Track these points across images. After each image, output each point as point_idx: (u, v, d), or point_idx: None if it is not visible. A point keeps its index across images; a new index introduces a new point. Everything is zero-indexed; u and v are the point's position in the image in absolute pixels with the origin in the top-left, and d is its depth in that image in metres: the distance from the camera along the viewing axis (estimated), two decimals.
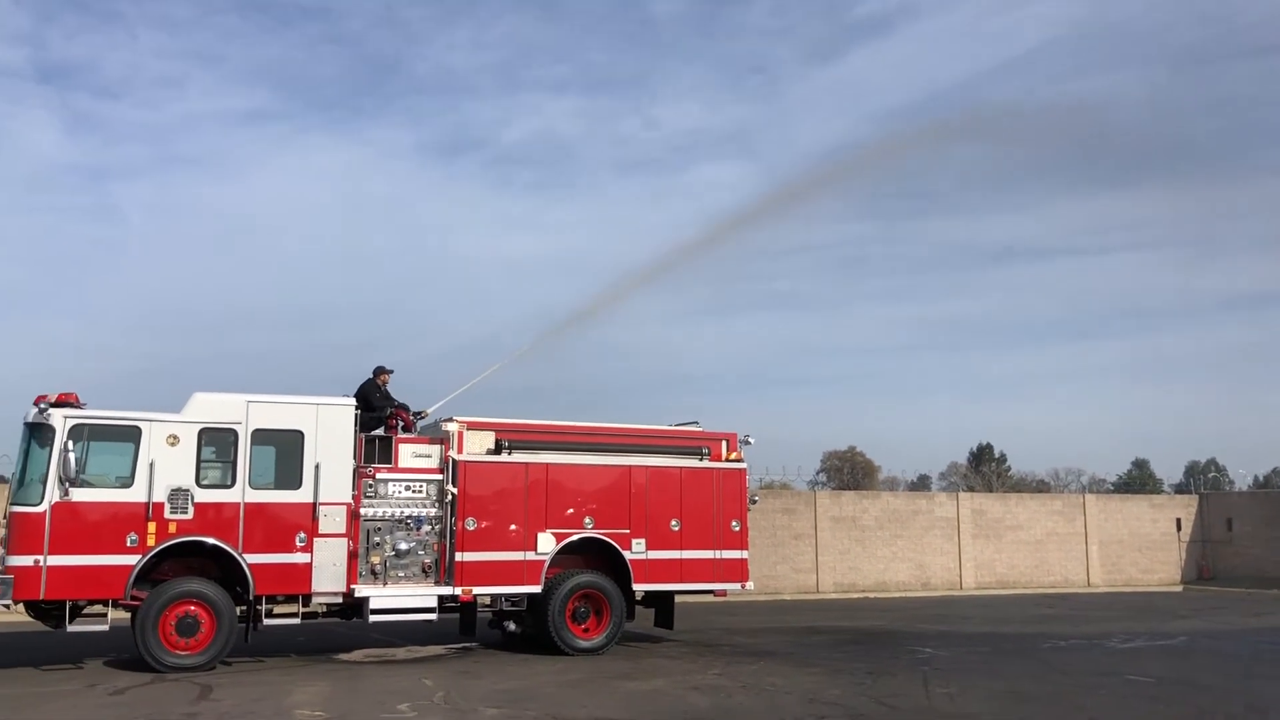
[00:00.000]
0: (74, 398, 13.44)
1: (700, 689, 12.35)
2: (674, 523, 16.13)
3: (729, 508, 16.55)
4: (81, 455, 13.17)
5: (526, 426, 15.87)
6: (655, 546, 15.94)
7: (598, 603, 15.56)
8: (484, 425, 15.53)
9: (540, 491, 15.38)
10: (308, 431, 14.28)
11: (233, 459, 13.88)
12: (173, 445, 13.60)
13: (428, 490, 15.04)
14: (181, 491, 13.49)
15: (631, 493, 15.94)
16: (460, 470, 15.04)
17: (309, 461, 14.19)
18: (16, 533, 12.91)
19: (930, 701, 11.62)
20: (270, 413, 14.18)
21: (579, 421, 16.40)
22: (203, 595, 13.47)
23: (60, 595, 12.92)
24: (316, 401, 14.47)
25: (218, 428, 13.90)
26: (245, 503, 13.80)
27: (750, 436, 17.07)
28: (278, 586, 13.93)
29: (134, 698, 11.52)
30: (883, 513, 30.86)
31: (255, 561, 13.74)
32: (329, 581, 14.14)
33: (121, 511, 13.23)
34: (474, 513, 15.00)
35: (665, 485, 16.18)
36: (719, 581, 16.42)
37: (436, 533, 14.98)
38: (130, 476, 13.39)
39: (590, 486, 15.75)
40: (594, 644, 15.36)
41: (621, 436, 16.40)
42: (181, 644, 13.31)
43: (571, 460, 15.75)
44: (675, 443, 16.74)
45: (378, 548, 14.65)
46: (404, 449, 15.08)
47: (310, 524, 14.06)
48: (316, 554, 14.05)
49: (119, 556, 13.11)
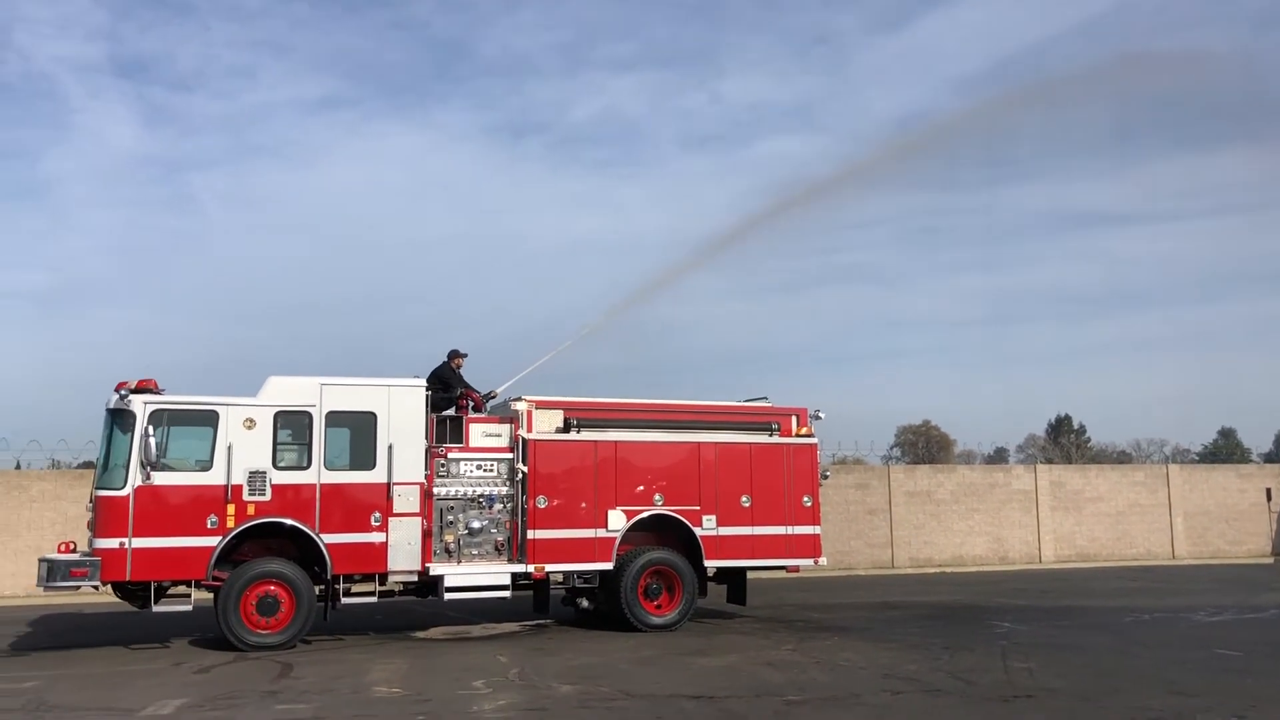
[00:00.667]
0: (153, 384, 13.77)
1: (774, 664, 12.29)
2: (744, 499, 16.05)
3: (800, 483, 16.42)
4: (162, 440, 13.49)
5: (594, 405, 15.89)
6: (726, 523, 15.89)
7: (669, 579, 15.56)
8: (552, 404, 15.59)
9: (609, 469, 15.40)
10: (380, 413, 14.46)
11: (308, 441, 14.12)
12: (250, 429, 13.87)
13: (498, 469, 15.15)
14: (259, 474, 13.76)
15: (701, 469, 15.89)
16: (530, 449, 15.12)
17: (382, 442, 14.38)
18: (102, 516, 13.30)
19: (1008, 676, 11.42)
20: (343, 395, 14.39)
21: (647, 399, 16.38)
22: (282, 575, 13.75)
23: (145, 576, 13.29)
24: (388, 383, 14.64)
25: (293, 411, 14.14)
26: (321, 484, 14.03)
27: (821, 411, 16.91)
28: (354, 566, 14.17)
29: (218, 675, 11.81)
30: (958, 486, 30.41)
31: (332, 541, 13.98)
32: (404, 560, 14.34)
33: (201, 494, 13.55)
34: (544, 490, 15.08)
35: (734, 461, 16.10)
36: (791, 557, 16.32)
37: (508, 511, 15.09)
38: (209, 460, 13.69)
39: (659, 464, 15.73)
40: (666, 620, 15.38)
41: (690, 413, 16.35)
42: (262, 623, 13.61)
43: (640, 438, 15.74)
44: (744, 419, 16.64)
45: (451, 526, 14.81)
46: (474, 429, 15.21)
47: (385, 504, 14.26)
48: (391, 533, 14.25)
49: (200, 538, 13.44)
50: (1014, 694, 10.46)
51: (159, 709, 9.81)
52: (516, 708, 9.88)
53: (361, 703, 10.12)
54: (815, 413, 16.92)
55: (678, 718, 9.44)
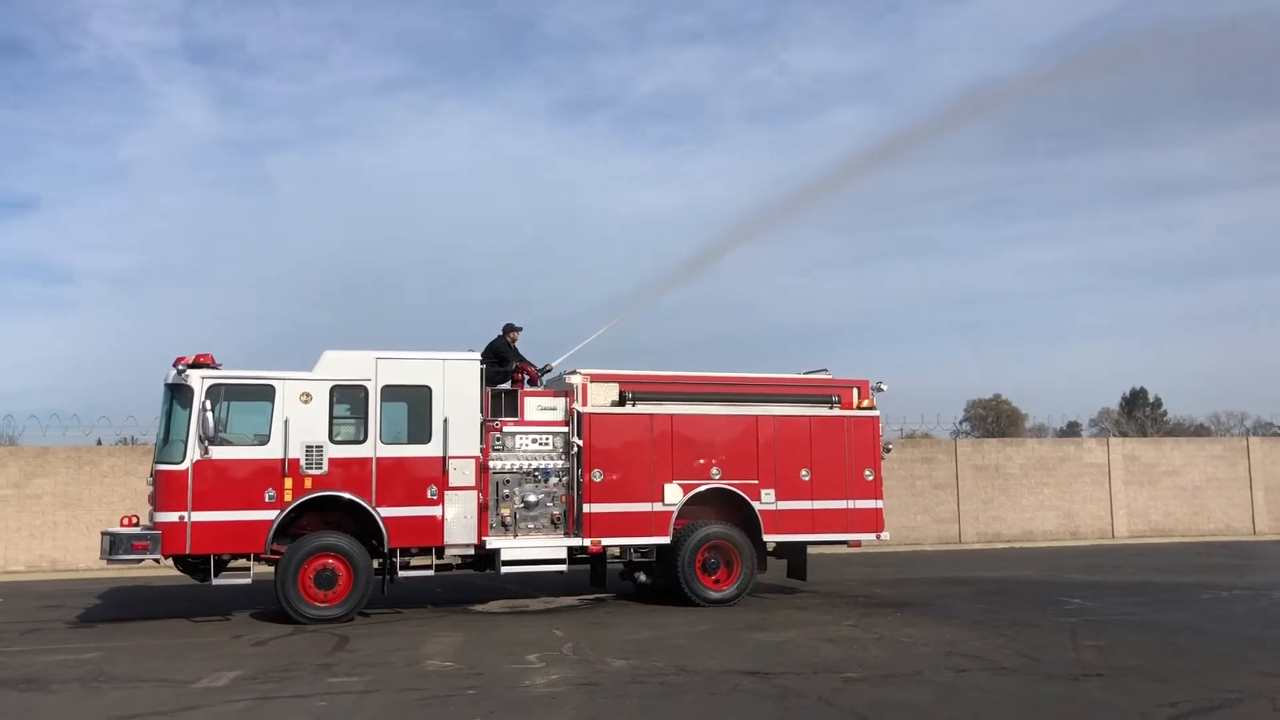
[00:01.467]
0: (210, 359, 13.84)
1: (833, 641, 12.03)
2: (804, 472, 15.75)
3: (861, 456, 16.06)
4: (219, 414, 13.58)
5: (650, 378, 15.68)
6: (785, 497, 15.61)
7: (728, 554, 15.34)
8: (607, 377, 15.40)
9: (666, 442, 15.20)
10: (435, 386, 14.40)
11: (364, 415, 14.12)
12: (306, 403, 13.89)
13: (554, 443, 15.03)
14: (316, 448, 13.80)
15: (759, 443, 15.61)
16: (585, 422, 14.97)
17: (437, 416, 14.33)
18: (162, 490, 13.43)
19: (1078, 654, 11.03)
20: (399, 369, 14.35)
21: (704, 372, 16.13)
22: (339, 548, 13.79)
23: (205, 550, 13.41)
24: (443, 357, 14.57)
25: (348, 384, 14.15)
26: (377, 457, 14.03)
27: (883, 383, 16.52)
28: (411, 539, 14.17)
29: (275, 648, 11.86)
30: (1028, 460, 29.73)
31: (389, 515, 13.98)
32: (460, 534, 14.30)
33: (259, 468, 13.62)
34: (600, 464, 14.92)
35: (794, 434, 15.79)
36: (852, 532, 15.99)
37: (564, 485, 14.98)
38: (266, 434, 13.76)
39: (717, 437, 15.49)
40: (724, 595, 15.18)
41: (748, 386, 16.07)
42: (320, 596, 13.67)
43: (697, 411, 15.51)
44: (803, 391, 16.32)
45: (507, 500, 14.74)
46: (529, 402, 15.09)
47: (441, 477, 14.22)
48: (447, 507, 14.22)
49: (258, 512, 13.52)
50: (1083, 673, 10.08)
51: (213, 681, 9.85)
52: (568, 682, 9.76)
53: (413, 677, 10.07)
54: (877, 384, 16.54)
55: (732, 695, 9.24)
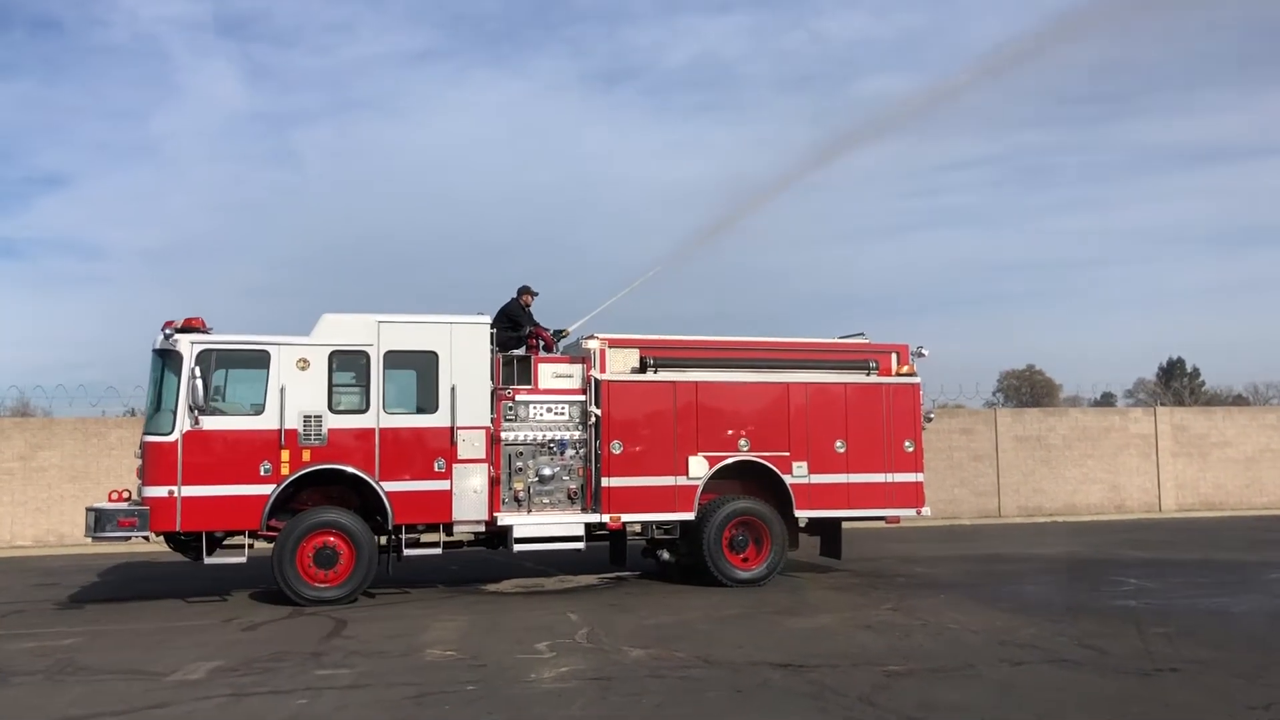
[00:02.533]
0: (200, 322, 12.94)
1: (872, 628, 11.00)
2: (839, 444, 14.68)
3: (901, 426, 14.97)
4: (210, 381, 12.68)
5: (673, 343, 14.63)
6: (819, 470, 14.55)
7: (757, 531, 14.33)
8: (627, 342, 14.37)
9: (690, 412, 14.17)
10: (442, 352, 13.43)
11: (366, 382, 13.18)
12: (303, 369, 12.97)
13: (570, 412, 14.04)
14: (314, 417, 12.88)
15: (791, 412, 14.55)
16: (603, 390, 13.96)
17: (445, 383, 13.37)
18: (150, 463, 12.57)
19: (1145, 644, 9.95)
20: (402, 333, 13.39)
21: (731, 336, 15.06)
22: (340, 525, 12.90)
23: (196, 526, 12.54)
24: (450, 320, 13.59)
25: (349, 350, 13.20)
26: (380, 428, 13.10)
27: (923, 348, 15.38)
28: (417, 515, 13.25)
29: (266, 634, 10.99)
30: (1071, 431, 28.46)
31: (393, 489, 13.07)
32: (470, 509, 13.36)
33: (254, 439, 12.72)
34: (619, 435, 13.93)
35: (828, 403, 14.72)
36: (891, 507, 14.91)
37: (581, 457, 14.00)
38: (261, 403, 12.85)
39: (745, 406, 14.44)
40: (753, 575, 14.17)
41: (778, 351, 14.99)
42: (320, 576, 12.79)
43: (723, 378, 14.45)
44: (839, 356, 15.21)
45: (520, 473, 13.78)
46: (544, 369, 14.09)
47: (449, 449, 13.28)
48: (456, 480, 13.28)
49: (253, 486, 12.63)
50: (1154, 667, 9.01)
51: (189, 673, 8.97)
52: (579, 676, 8.80)
53: (409, 669, 9.15)
54: (917, 349, 15.42)
55: (761, 692, 8.24)
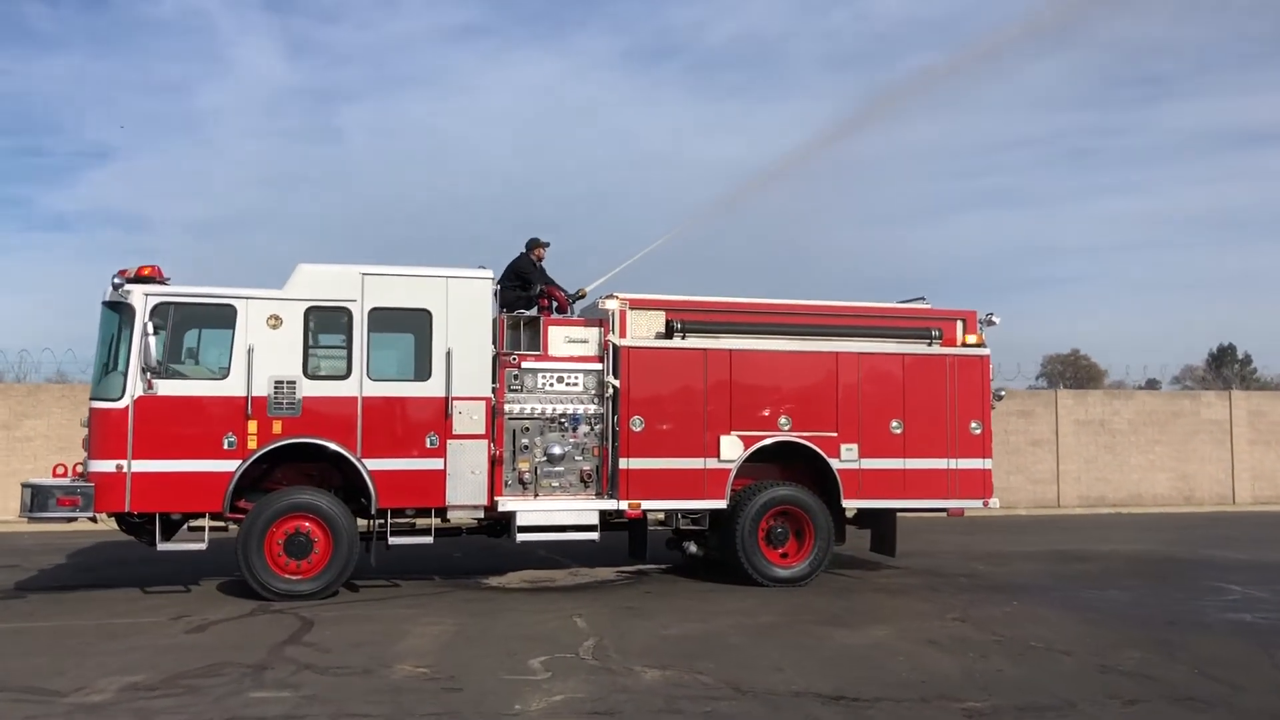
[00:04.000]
0: (156, 271, 11.21)
1: (938, 644, 9.10)
2: (895, 423, 12.74)
3: (967, 405, 12.99)
4: (167, 340, 10.96)
5: (705, 304, 12.74)
6: (871, 453, 12.63)
7: (798, 522, 12.46)
8: (651, 304, 12.50)
9: (723, 385, 12.29)
10: (436, 310, 11.63)
11: (347, 344, 11.42)
12: (275, 328, 11.22)
13: (584, 383, 12.20)
14: (287, 384, 11.14)
15: (840, 386, 12.63)
16: (623, 358, 12.11)
17: (439, 347, 11.58)
18: (97, 433, 10.88)
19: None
20: (391, 288, 11.60)
21: (772, 299, 13.13)
22: (316, 508, 11.16)
23: (148, 507, 10.85)
24: (446, 274, 11.78)
25: (328, 306, 11.44)
26: (363, 397, 11.34)
27: (994, 315, 13.38)
28: (405, 498, 11.48)
29: (213, 637, 9.26)
30: (1137, 415, 26.27)
31: (377, 468, 11.31)
32: (467, 492, 11.58)
33: (216, 408, 10.99)
34: (640, 410, 12.08)
35: (883, 377, 12.77)
36: (954, 497, 12.95)
37: (596, 434, 12.17)
38: (225, 366, 11.12)
39: (787, 379, 12.53)
40: (793, 573, 12.31)
41: (827, 316, 13.04)
42: (291, 567, 11.08)
43: (762, 346, 12.54)
44: (896, 323, 13.23)
45: (526, 452, 11.98)
46: (554, 333, 12.24)
47: (442, 423, 11.49)
48: (451, 459, 11.50)
49: (215, 461, 10.91)
50: None
51: (91, 693, 7.23)
52: (575, 709, 6.97)
53: (366, 691, 7.37)
54: (986, 317, 13.40)
55: None
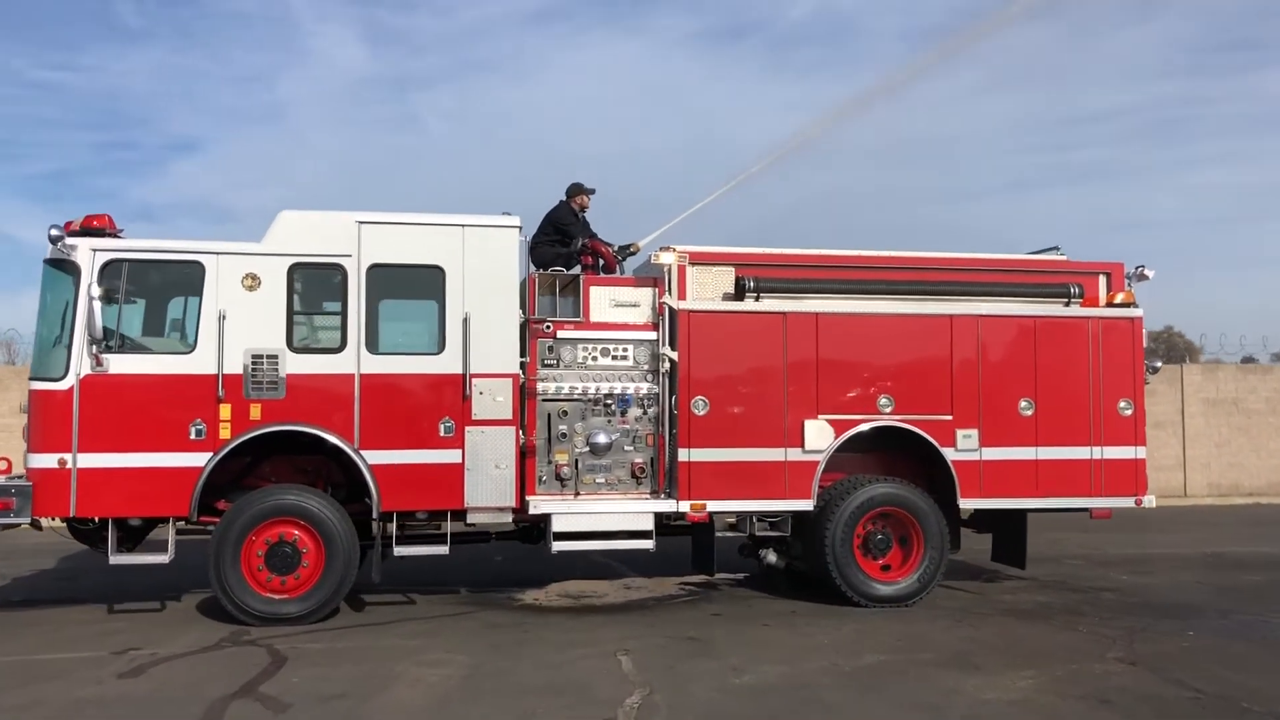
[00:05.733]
0: (107, 221, 9.16)
1: (1112, 703, 6.64)
2: (1024, 403, 10.23)
3: (1114, 379, 10.41)
4: (120, 305, 8.93)
5: (784, 258, 10.33)
6: (995, 440, 10.14)
7: (903, 527, 10.05)
8: (717, 257, 10.14)
9: (808, 357, 9.91)
10: (451, 267, 9.43)
11: (341, 310, 9.28)
12: (252, 290, 9.12)
13: (635, 356, 9.92)
14: (267, 358, 9.05)
15: (955, 357, 10.16)
16: (682, 325, 9.79)
17: (454, 312, 9.38)
18: (36, 420, 8.90)
19: None
20: (394, 240, 9.43)
21: (867, 250, 10.67)
22: (304, 511, 9.06)
23: (98, 511, 8.86)
24: (462, 222, 9.55)
25: (317, 262, 9.31)
26: (361, 374, 9.20)
27: (1146, 268, 10.75)
28: (413, 499, 9.33)
29: (148, 684, 7.17)
30: (1275, 393, 23.22)
31: (380, 461, 9.18)
32: (490, 491, 9.39)
33: (181, 388, 8.94)
34: (705, 389, 9.75)
35: (1010, 345, 10.26)
36: (1098, 494, 10.37)
37: (650, 419, 9.88)
38: (191, 337, 9.06)
39: (888, 349, 10.10)
40: (898, 590, 9.91)
41: (938, 271, 10.55)
42: (275, 584, 9.00)
43: (858, 309, 10.12)
44: (1025, 279, 10.66)
45: (564, 441, 9.72)
46: (597, 295, 9.94)
47: (459, 406, 9.31)
48: (470, 450, 9.32)
49: (179, 455, 8.88)
50: None
51: None
52: None
53: None
54: (1137, 270, 10.77)
55: None
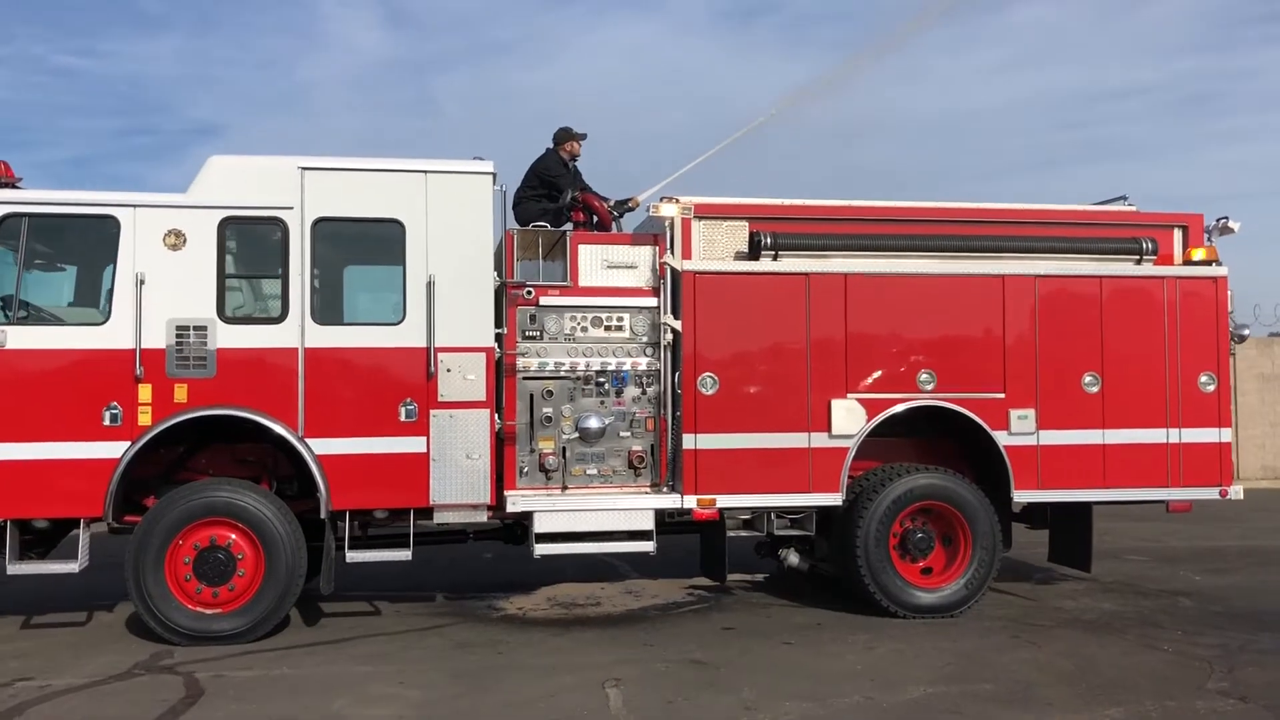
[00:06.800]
0: (5, 170, 7.79)
1: None
2: (1089, 378, 8.73)
3: (1194, 349, 8.88)
4: (20, 267, 7.56)
5: (806, 210, 8.84)
6: (1055, 422, 8.65)
7: (947, 524, 8.60)
8: (728, 209, 8.67)
9: (835, 325, 8.45)
10: (412, 221, 8.01)
11: (282, 272, 7.87)
12: (176, 249, 7.73)
13: (632, 325, 8.48)
14: (194, 330, 7.67)
15: (1008, 325, 8.67)
16: (687, 289, 8.33)
17: (416, 275, 7.97)
18: None
19: None
20: (344, 189, 8.00)
21: (904, 201, 9.16)
22: (239, 510, 7.68)
23: None
24: (424, 167, 8.11)
25: (254, 216, 7.90)
26: (306, 348, 7.80)
27: (1230, 219, 9.20)
28: (369, 495, 7.93)
29: None
30: None
31: (329, 451, 7.79)
32: (460, 485, 7.98)
33: (92, 366, 7.58)
34: (714, 365, 8.31)
35: (1072, 310, 8.75)
36: (1177, 485, 8.82)
37: (650, 400, 8.45)
38: (105, 305, 7.69)
39: (929, 316, 8.62)
40: (941, 598, 8.47)
41: (988, 224, 9.02)
42: (206, 595, 7.64)
43: (894, 268, 8.64)
44: (1090, 232, 9.13)
45: (548, 426, 8.31)
46: (587, 254, 8.48)
47: (423, 385, 7.90)
48: (436, 437, 7.92)
49: (90, 444, 7.53)
50: None
51: None
52: None
53: None
54: (1219, 222, 9.20)
55: None
